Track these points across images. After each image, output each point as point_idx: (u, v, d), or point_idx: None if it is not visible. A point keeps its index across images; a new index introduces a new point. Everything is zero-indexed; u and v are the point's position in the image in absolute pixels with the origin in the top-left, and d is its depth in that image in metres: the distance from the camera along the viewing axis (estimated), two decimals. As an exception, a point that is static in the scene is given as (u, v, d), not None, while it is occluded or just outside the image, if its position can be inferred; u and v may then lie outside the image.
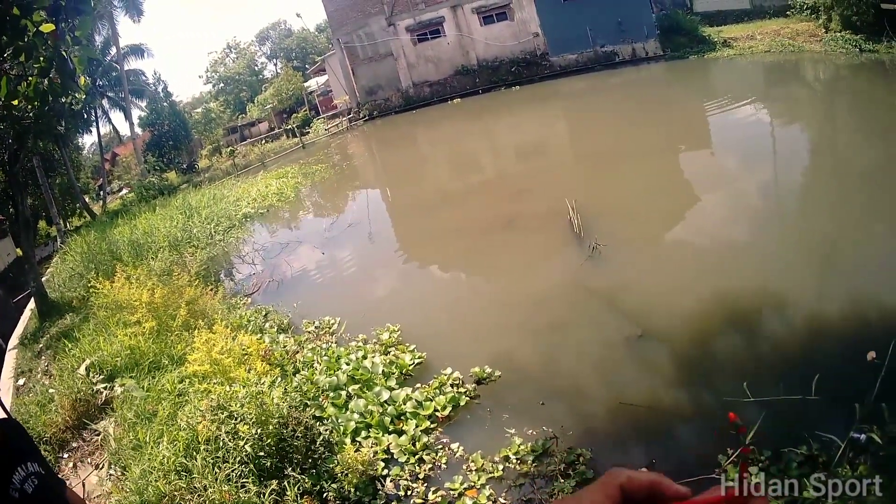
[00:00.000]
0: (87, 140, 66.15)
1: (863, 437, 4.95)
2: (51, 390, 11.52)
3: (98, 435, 9.69)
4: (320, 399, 8.75)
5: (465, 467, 7.00)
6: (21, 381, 13.86)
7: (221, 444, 7.26)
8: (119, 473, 8.12)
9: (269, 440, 7.27)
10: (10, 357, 16.41)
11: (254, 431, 7.23)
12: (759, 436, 5.44)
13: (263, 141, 57.09)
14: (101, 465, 9.00)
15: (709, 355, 8.05)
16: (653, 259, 11.53)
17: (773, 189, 12.68)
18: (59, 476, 3.90)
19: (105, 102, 53.80)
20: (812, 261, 9.26)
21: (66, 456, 9.76)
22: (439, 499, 6.58)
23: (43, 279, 21.93)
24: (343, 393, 8.88)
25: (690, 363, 7.99)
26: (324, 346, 10.76)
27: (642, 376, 8.00)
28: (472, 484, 6.64)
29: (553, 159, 23.43)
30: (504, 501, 6.34)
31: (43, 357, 14.94)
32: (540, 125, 30.31)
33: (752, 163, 14.95)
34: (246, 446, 7.11)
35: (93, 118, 51.02)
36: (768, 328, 8.07)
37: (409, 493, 6.82)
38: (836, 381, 6.13)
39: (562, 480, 6.30)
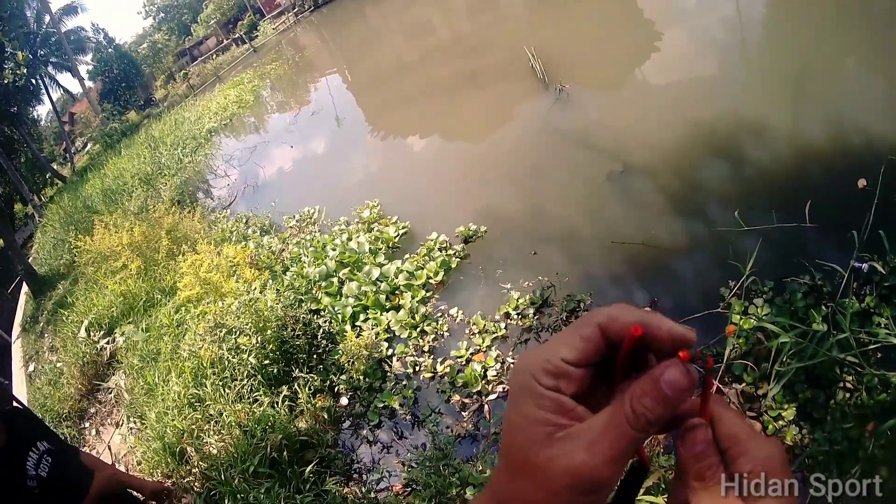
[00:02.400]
0: (43, 110, 65.63)
1: (865, 266, 4.77)
2: (59, 364, 11.55)
3: (111, 393, 9.66)
4: (313, 291, 8.58)
5: (467, 331, 6.83)
6: (31, 367, 13.88)
7: (227, 362, 7.15)
8: (139, 424, 8.06)
9: (270, 346, 7.15)
10: (17, 347, 16.48)
11: (254, 341, 7.10)
12: (758, 266, 5.23)
13: (214, 56, 56.69)
14: (120, 423, 8.96)
15: (695, 186, 7.67)
16: (622, 96, 11.07)
17: (738, 21, 12.09)
18: (73, 446, 3.84)
19: (50, 69, 52.82)
20: (788, 89, 8.70)
21: (87, 425, 9.75)
22: (448, 369, 6.41)
23: (29, 259, 21.92)
24: (335, 280, 8.68)
25: (677, 195, 7.64)
26: (308, 237, 10.60)
27: (630, 212, 7.70)
28: (478, 347, 6.47)
29: (507, 11, 22.67)
30: (512, 360, 6.17)
31: (46, 335, 14.99)
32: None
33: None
34: (250, 358, 7.00)
35: (41, 88, 50.19)
36: (752, 157, 7.62)
37: (417, 368, 6.68)
38: (829, 209, 5.83)
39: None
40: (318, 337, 7.43)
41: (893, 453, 3.59)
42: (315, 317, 7.82)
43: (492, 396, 5.91)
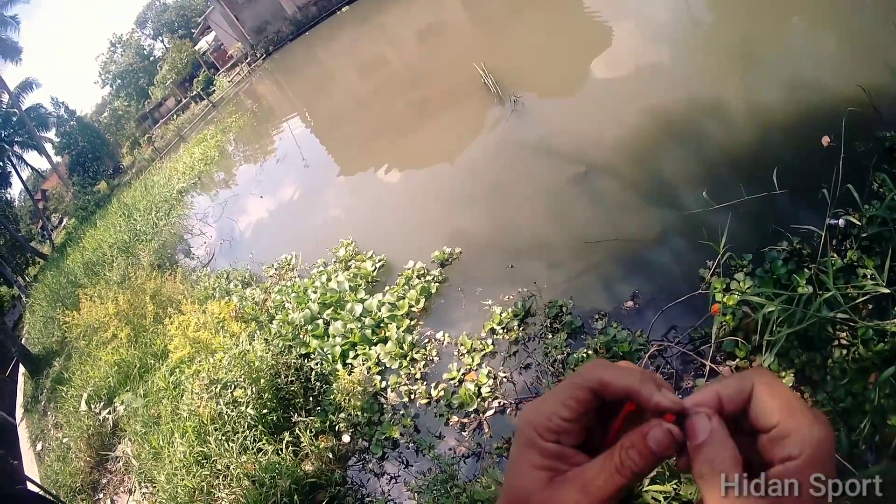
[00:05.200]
0: (15, 190, 65.29)
1: (841, 221, 4.83)
2: (65, 440, 11.56)
3: (120, 461, 9.71)
4: (301, 336, 8.67)
5: (456, 353, 6.93)
6: (39, 446, 13.84)
7: (226, 417, 7.19)
8: (150, 488, 8.11)
9: (266, 395, 7.23)
10: (22, 428, 16.43)
11: (250, 392, 7.17)
12: (734, 241, 5.28)
13: (175, 116, 56.58)
14: (133, 489, 9.01)
15: (659, 174, 7.84)
16: (576, 98, 11.28)
17: (681, 4, 12.24)
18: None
19: (16, 149, 52.61)
20: (739, 61, 8.81)
21: (101, 496, 9.80)
22: (442, 392, 6.53)
23: (22, 340, 21.85)
24: (320, 322, 8.79)
25: (643, 186, 7.82)
26: (288, 284, 10.65)
27: (599, 211, 7.86)
28: (469, 367, 6.58)
29: (455, 32, 22.85)
30: (504, 373, 6.28)
31: (48, 413, 14.95)
32: (433, 6, 29.15)
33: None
34: (248, 410, 7.05)
35: (8, 170, 50.01)
36: (712, 135, 7.83)
37: (412, 396, 6.78)
38: (797, 172, 5.97)
39: (551, 336, 6.22)
40: (312, 380, 7.51)
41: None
42: (306, 360, 7.90)
43: (489, 413, 6.00)
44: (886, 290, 4.11)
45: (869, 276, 4.43)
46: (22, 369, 20.35)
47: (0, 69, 51.09)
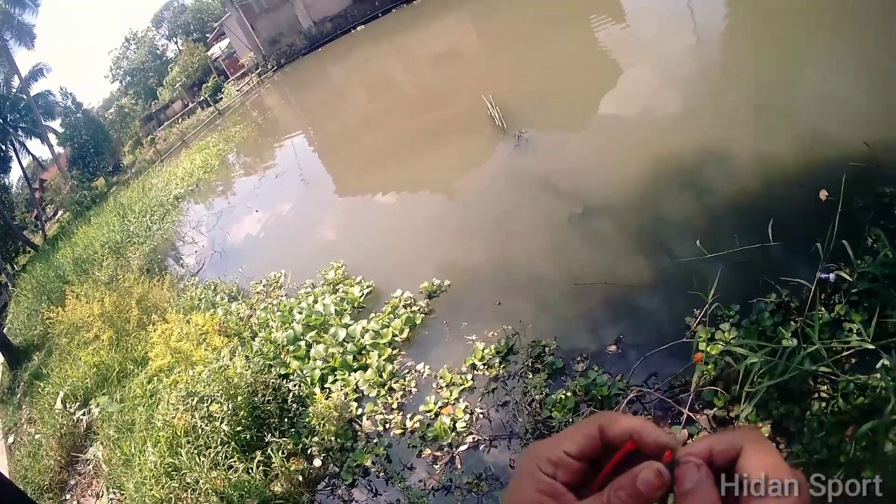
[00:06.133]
0: (13, 176, 65.17)
1: (831, 276, 4.85)
2: (37, 436, 11.48)
3: (90, 464, 9.65)
4: (282, 356, 8.64)
5: (435, 385, 6.91)
6: (10, 439, 13.76)
7: (200, 430, 7.13)
8: (118, 495, 8.06)
9: (242, 412, 7.18)
10: (-5, 420, 16.34)
11: (226, 408, 7.13)
12: (724, 290, 5.32)
13: (180, 120, 56.76)
14: (100, 493, 8.94)
15: (656, 220, 7.82)
16: (582, 137, 11.25)
17: (695, 48, 12.16)
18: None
19: (20, 133, 52.61)
20: (745, 111, 8.77)
21: (68, 497, 9.74)
22: (418, 424, 6.50)
23: (4, 329, 21.75)
24: (302, 343, 8.78)
25: (638, 231, 7.80)
26: (275, 302, 10.70)
27: (593, 253, 7.84)
28: (447, 400, 6.56)
29: (465, 61, 22.89)
30: (481, 410, 6.25)
31: (23, 406, 14.87)
32: (447, 32, 29.37)
33: (670, 26, 14.12)
34: (222, 425, 7.00)
35: (10, 154, 49.95)
36: (712, 183, 7.80)
37: (387, 425, 6.74)
38: (793, 225, 5.97)
39: (531, 376, 6.20)
40: (289, 401, 7.47)
41: (876, 453, 3.66)
42: (284, 381, 7.85)
43: (462, 448, 5.97)
44: (871, 346, 4.13)
45: (855, 331, 4.45)
46: (0, 359, 20.27)
47: (13, 52, 50.96)
